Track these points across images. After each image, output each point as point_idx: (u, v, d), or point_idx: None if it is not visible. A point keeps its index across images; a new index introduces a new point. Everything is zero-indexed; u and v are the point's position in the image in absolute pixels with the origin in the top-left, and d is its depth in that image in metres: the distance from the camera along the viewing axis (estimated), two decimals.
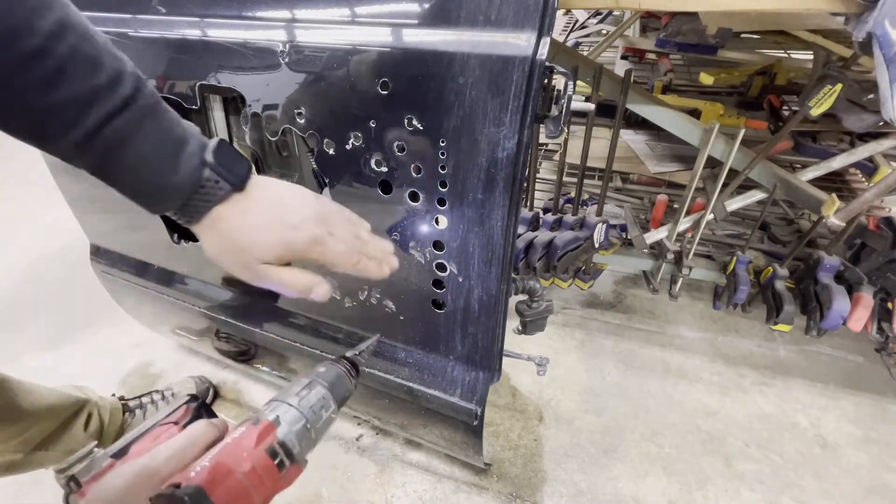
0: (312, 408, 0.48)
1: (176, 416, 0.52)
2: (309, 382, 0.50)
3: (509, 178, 0.59)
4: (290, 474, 0.43)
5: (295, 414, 0.46)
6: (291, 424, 0.45)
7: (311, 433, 0.47)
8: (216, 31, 0.69)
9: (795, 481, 1.12)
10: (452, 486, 1.12)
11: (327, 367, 0.54)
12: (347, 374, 0.55)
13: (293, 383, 0.50)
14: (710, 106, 1.70)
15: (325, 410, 0.49)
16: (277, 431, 0.44)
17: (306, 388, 0.50)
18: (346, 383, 0.54)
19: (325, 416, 0.49)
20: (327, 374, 0.53)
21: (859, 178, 1.56)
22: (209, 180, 0.42)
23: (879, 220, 1.05)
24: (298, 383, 0.50)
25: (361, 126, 0.63)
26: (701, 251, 1.36)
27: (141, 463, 0.39)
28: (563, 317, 1.58)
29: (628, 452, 1.18)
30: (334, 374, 0.54)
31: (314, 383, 0.50)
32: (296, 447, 0.44)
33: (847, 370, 1.40)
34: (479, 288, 0.69)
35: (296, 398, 0.48)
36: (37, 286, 1.78)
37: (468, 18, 0.54)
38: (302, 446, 0.45)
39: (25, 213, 2.22)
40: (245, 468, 0.39)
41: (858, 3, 0.67)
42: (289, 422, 0.45)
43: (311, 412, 0.47)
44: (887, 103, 0.70)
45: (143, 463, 0.39)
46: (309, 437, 0.46)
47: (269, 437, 0.43)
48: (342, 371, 0.55)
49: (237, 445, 0.41)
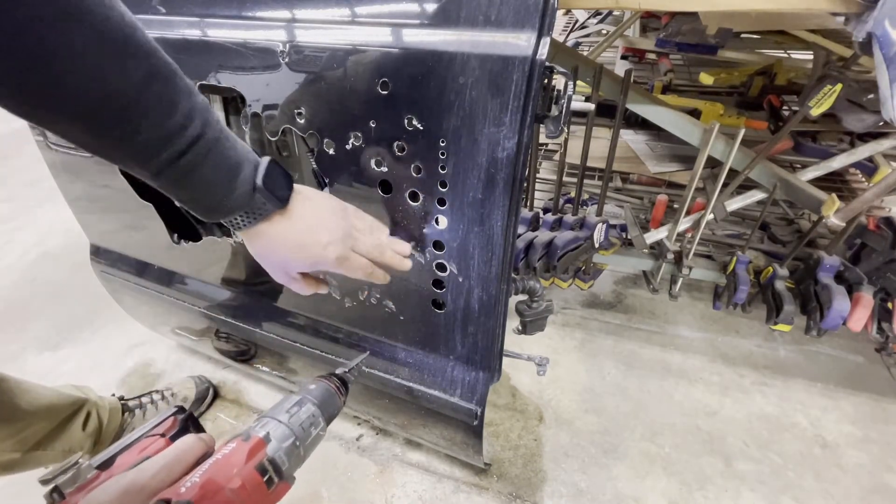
0: (302, 425, 0.49)
1: (163, 427, 0.53)
2: (299, 400, 0.51)
3: (509, 178, 0.58)
4: (278, 491, 0.44)
5: (285, 431, 0.47)
6: (281, 441, 0.45)
7: (299, 450, 0.47)
8: (216, 31, 0.69)
9: (795, 481, 1.12)
10: (452, 485, 1.12)
11: (317, 385, 0.55)
12: (337, 392, 0.57)
13: (284, 400, 0.51)
14: (710, 106, 1.70)
15: (314, 427, 0.50)
16: (268, 448, 0.44)
17: (296, 405, 0.51)
18: (336, 401, 0.56)
19: (315, 434, 0.50)
20: (317, 391, 0.54)
21: (859, 178, 1.55)
22: (258, 202, 0.49)
23: (879, 220, 1.05)
24: (289, 400, 0.51)
25: (361, 126, 0.63)
26: (701, 251, 1.36)
27: (129, 478, 0.39)
28: (563, 317, 1.58)
29: (628, 452, 1.18)
30: (324, 391, 0.55)
31: (304, 400, 0.51)
32: (285, 464, 0.44)
33: (847, 370, 1.39)
34: (479, 288, 0.69)
35: (286, 415, 0.48)
36: (37, 286, 1.78)
37: (468, 18, 0.54)
38: (291, 463, 0.46)
39: (25, 213, 2.22)
40: (235, 485, 0.39)
41: (858, 3, 0.67)
42: (279, 438, 0.46)
43: (301, 429, 0.48)
44: (887, 103, 0.70)
45: (131, 478, 0.39)
46: (297, 454, 0.47)
47: (259, 454, 0.43)
48: (332, 388, 0.56)
49: (227, 462, 0.41)
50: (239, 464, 0.41)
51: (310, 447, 0.49)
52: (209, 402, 1.31)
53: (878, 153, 1.32)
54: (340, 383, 0.58)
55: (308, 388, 0.55)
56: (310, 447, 0.49)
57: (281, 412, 0.49)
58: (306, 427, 0.49)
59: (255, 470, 0.42)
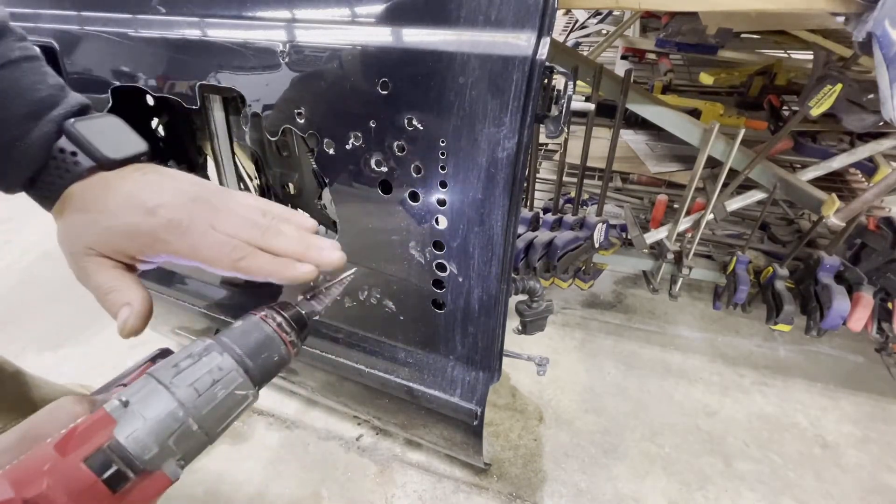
0: (196, 386, 0.32)
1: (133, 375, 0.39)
2: (205, 346, 0.34)
3: (509, 178, 0.58)
4: (139, 492, 0.29)
5: (162, 399, 0.31)
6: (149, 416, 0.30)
7: (189, 425, 0.31)
8: (216, 31, 0.69)
9: (795, 481, 1.12)
10: (452, 485, 1.12)
11: (244, 322, 0.37)
12: (279, 333, 0.37)
13: (186, 347, 0.35)
14: (710, 106, 1.70)
15: (222, 389, 0.33)
16: (116, 429, 0.29)
17: (197, 355, 0.34)
18: (275, 346, 0.37)
19: (223, 397, 0.33)
20: (239, 332, 0.36)
21: (859, 178, 1.55)
22: (63, 152, 0.36)
23: (879, 220, 1.05)
24: (192, 346, 0.34)
25: (361, 126, 0.63)
26: (701, 251, 1.36)
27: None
28: (563, 317, 1.58)
29: (628, 452, 1.18)
30: (253, 332, 0.37)
31: (211, 348, 0.34)
32: (150, 450, 0.29)
33: (847, 370, 1.39)
34: (479, 288, 0.69)
35: (171, 371, 0.32)
36: (37, 286, 1.78)
37: (468, 18, 0.54)
38: (168, 446, 0.30)
39: (25, 212, 2.22)
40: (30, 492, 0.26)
41: (858, 3, 0.67)
42: (145, 413, 0.30)
43: (194, 392, 0.32)
44: (887, 103, 0.70)
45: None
46: (187, 432, 0.31)
47: (95, 439, 0.28)
48: (269, 328, 0.37)
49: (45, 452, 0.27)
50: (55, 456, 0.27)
51: (216, 419, 0.32)
52: None
53: (878, 153, 1.32)
54: (286, 320, 0.38)
55: (228, 329, 0.36)
56: (216, 419, 0.32)
57: (166, 368, 0.32)
58: (205, 388, 0.32)
59: (85, 465, 0.27)
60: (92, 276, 0.36)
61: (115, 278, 0.37)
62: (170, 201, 0.37)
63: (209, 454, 1.21)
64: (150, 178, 0.39)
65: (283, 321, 0.38)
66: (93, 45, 0.76)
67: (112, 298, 0.36)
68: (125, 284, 0.37)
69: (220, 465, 1.18)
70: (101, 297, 0.37)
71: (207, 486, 1.14)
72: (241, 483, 1.15)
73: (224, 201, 0.39)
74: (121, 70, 0.75)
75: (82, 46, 0.76)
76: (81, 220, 0.36)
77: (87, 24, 0.75)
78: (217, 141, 0.91)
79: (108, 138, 0.38)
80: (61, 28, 0.77)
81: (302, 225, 0.42)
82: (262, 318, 0.38)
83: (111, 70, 0.76)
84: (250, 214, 0.39)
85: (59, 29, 0.77)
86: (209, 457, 1.20)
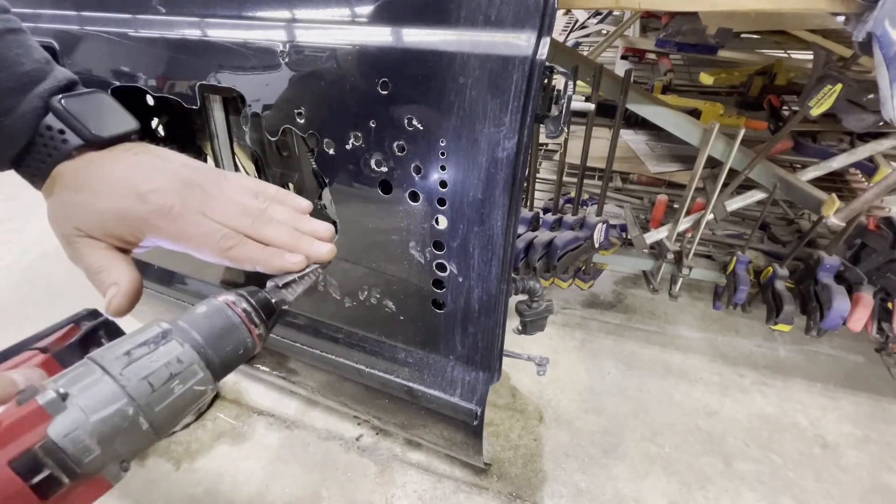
0: (150, 380, 0.28)
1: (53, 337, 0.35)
2: (161, 332, 0.31)
3: (509, 178, 0.58)
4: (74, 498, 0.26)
5: (109, 393, 0.27)
6: (92, 412, 0.26)
7: (139, 424, 0.27)
8: (216, 31, 0.69)
9: (795, 481, 1.12)
10: (452, 485, 1.12)
11: (207, 308, 0.33)
12: (244, 320, 0.34)
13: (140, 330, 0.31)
14: (710, 106, 1.70)
15: (180, 384, 0.29)
16: (52, 426, 0.25)
17: (152, 343, 0.30)
18: (238, 335, 0.33)
19: (179, 393, 0.29)
20: (200, 318, 0.33)
21: (859, 178, 1.55)
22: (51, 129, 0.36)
23: (879, 220, 1.05)
24: (144, 333, 0.31)
25: (361, 126, 0.63)
26: (701, 251, 1.36)
27: None
28: (563, 317, 1.58)
29: (628, 452, 1.18)
30: (216, 320, 0.33)
31: (170, 335, 0.31)
32: (91, 452, 0.25)
33: (847, 370, 1.40)
34: (479, 288, 0.69)
35: (122, 360, 0.28)
36: (37, 286, 1.78)
37: (468, 18, 0.54)
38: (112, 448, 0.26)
39: (25, 212, 2.22)
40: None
41: (858, 3, 0.67)
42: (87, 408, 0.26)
43: (147, 387, 0.28)
44: (887, 103, 0.70)
45: None
46: (136, 432, 0.27)
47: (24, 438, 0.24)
48: (234, 317, 0.33)
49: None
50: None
51: (171, 416, 0.29)
52: (209, 402, 1.31)
53: (878, 153, 1.32)
54: (253, 308, 0.35)
55: (190, 313, 0.33)
56: (171, 416, 0.29)
57: (114, 355, 0.28)
58: (159, 381, 0.28)
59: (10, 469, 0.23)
60: (83, 257, 0.36)
61: (105, 258, 0.36)
62: (161, 186, 0.36)
63: (209, 454, 1.21)
64: (142, 158, 0.38)
65: (250, 309, 0.35)
66: (93, 45, 0.76)
67: (101, 278, 0.36)
68: (114, 264, 0.36)
69: (220, 465, 1.18)
70: (92, 276, 0.36)
71: (207, 486, 1.14)
72: (241, 483, 1.15)
73: (217, 184, 0.39)
74: (121, 70, 0.75)
75: (82, 46, 0.76)
76: (71, 200, 0.36)
77: (87, 23, 0.75)
78: (217, 141, 0.91)
79: (97, 116, 0.37)
80: (61, 28, 0.77)
81: (297, 206, 0.42)
82: (229, 303, 0.34)
83: (111, 70, 0.76)
84: (243, 199, 0.39)
85: (59, 29, 0.77)
86: (209, 457, 1.20)
